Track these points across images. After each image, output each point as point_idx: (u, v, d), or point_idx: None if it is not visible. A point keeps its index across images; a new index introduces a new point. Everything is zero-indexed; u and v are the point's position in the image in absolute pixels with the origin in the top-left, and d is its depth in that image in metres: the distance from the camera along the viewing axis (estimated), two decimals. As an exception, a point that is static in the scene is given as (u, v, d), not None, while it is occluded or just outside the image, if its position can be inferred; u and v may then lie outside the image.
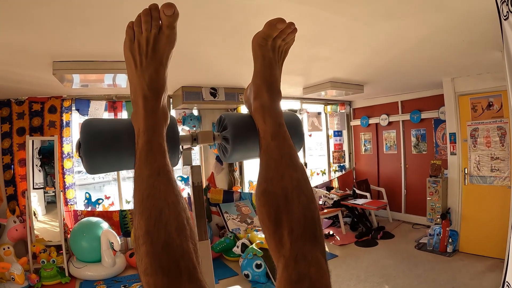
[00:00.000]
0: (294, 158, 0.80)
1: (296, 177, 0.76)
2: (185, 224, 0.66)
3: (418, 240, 5.27)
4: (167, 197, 0.67)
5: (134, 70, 0.79)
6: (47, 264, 4.33)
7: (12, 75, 3.55)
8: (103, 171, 0.88)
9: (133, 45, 0.77)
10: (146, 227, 0.63)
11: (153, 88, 0.78)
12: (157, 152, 0.74)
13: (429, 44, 3.11)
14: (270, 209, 0.74)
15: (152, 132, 0.76)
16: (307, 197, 0.74)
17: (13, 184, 4.76)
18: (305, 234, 0.68)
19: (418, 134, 6.27)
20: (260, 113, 0.89)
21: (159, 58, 0.78)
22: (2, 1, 1.88)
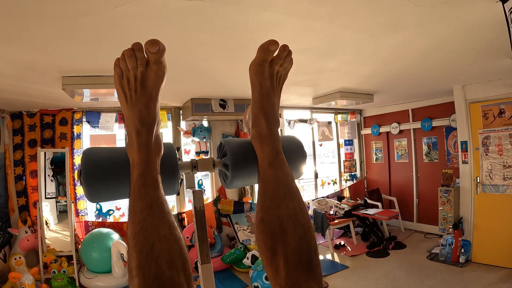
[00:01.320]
0: (291, 187, 0.80)
1: (292, 206, 0.77)
2: (177, 256, 0.67)
3: (430, 250, 5.19)
4: (159, 231, 0.68)
5: (125, 104, 0.79)
6: (58, 274, 4.37)
7: (22, 89, 3.62)
8: (103, 199, 0.89)
9: (122, 81, 0.77)
10: (138, 260, 0.65)
11: (144, 122, 0.79)
12: (150, 186, 0.75)
13: (436, 53, 3.08)
14: (267, 237, 0.75)
15: (145, 165, 0.78)
16: (303, 226, 0.74)
17: (25, 195, 4.83)
18: (300, 264, 0.69)
19: (430, 142, 6.21)
20: (257, 141, 0.89)
21: (149, 93, 0.78)
22: (10, 20, 1.92)
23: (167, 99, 5.05)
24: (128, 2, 1.78)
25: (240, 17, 2.08)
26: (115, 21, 2.04)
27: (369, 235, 6.04)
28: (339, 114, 7.35)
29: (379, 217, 5.95)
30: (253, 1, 1.86)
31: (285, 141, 1.03)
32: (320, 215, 5.68)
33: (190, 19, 2.08)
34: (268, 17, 2.08)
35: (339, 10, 2.03)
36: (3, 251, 4.45)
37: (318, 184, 7.11)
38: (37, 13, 1.86)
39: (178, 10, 1.93)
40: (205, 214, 3.12)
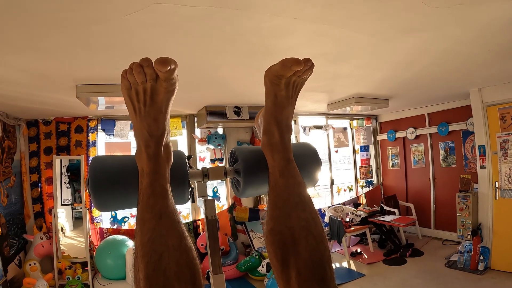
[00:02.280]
0: (303, 196, 0.78)
1: (304, 217, 0.74)
2: (187, 268, 0.65)
3: (448, 257, 5.07)
4: (168, 241, 0.66)
5: (134, 116, 0.77)
6: (72, 280, 4.40)
7: (37, 97, 3.67)
8: (111, 208, 0.89)
9: (131, 92, 0.74)
10: (146, 271, 0.63)
11: (153, 135, 0.77)
12: (159, 195, 0.74)
13: (452, 56, 3.03)
14: (277, 249, 0.72)
15: (154, 174, 0.76)
16: (315, 237, 0.71)
17: (40, 201, 4.89)
18: (313, 277, 0.66)
19: (447, 147, 6.09)
20: (268, 149, 0.87)
21: (158, 107, 0.75)
22: (23, 29, 1.94)
23: (181, 107, 5.07)
24: (139, 9, 1.78)
25: (252, 23, 2.06)
26: (127, 29, 2.05)
27: (386, 242, 5.93)
28: (355, 120, 7.29)
29: (396, 224, 5.85)
30: (264, 6, 1.84)
31: (299, 148, 1.01)
32: (336, 222, 5.61)
33: (201, 26, 2.07)
34: (280, 22, 2.06)
35: (351, 14, 2.00)
36: (18, 256, 4.49)
37: (334, 191, 7.06)
38: (49, 22, 1.87)
39: (188, 17, 1.92)
40: (220, 221, 3.16)
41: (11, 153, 4.52)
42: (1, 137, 4.24)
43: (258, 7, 1.85)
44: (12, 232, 4.41)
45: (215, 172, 0.99)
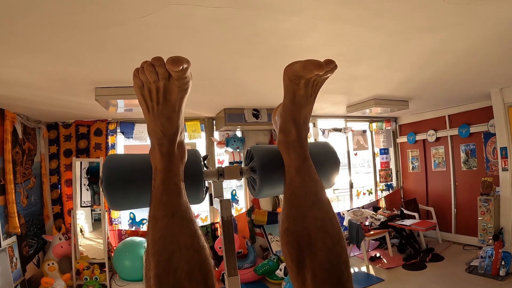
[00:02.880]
0: (320, 195, 0.76)
1: (321, 216, 0.72)
2: (198, 268, 0.64)
3: (469, 262, 4.94)
4: (180, 240, 0.65)
5: (147, 114, 0.76)
6: (89, 281, 4.46)
7: (56, 101, 3.74)
8: (124, 207, 0.89)
9: (144, 90, 0.72)
10: (156, 269, 0.62)
11: (166, 134, 0.76)
12: (172, 193, 0.72)
13: (472, 55, 2.95)
14: (292, 249, 0.71)
15: (168, 172, 0.75)
16: (332, 238, 0.69)
17: (60, 203, 4.97)
18: (329, 279, 0.65)
19: (468, 150, 5.95)
20: (285, 147, 0.85)
21: (172, 106, 0.74)
22: (41, 33, 1.97)
23: (200, 110, 5.08)
24: (155, 11, 1.78)
25: (269, 23, 2.05)
26: (144, 32, 2.06)
27: (405, 247, 5.83)
28: (374, 122, 7.21)
29: (416, 228, 5.74)
30: (281, 6, 1.82)
31: (317, 147, 1.00)
32: (355, 226, 5.55)
33: (218, 28, 2.07)
34: (297, 22, 2.04)
35: (368, 13, 1.96)
36: (37, 256, 4.58)
37: (353, 195, 6.99)
38: (67, 25, 1.89)
39: (205, 19, 1.92)
40: (239, 224, 3.15)
41: (31, 155, 4.60)
42: (22, 139, 4.31)
43: (275, 7, 1.83)
44: (31, 233, 4.48)
45: (230, 171, 0.98)
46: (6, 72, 2.68)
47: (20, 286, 3.98)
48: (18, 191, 4.16)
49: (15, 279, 3.87)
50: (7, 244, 3.82)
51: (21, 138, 4.28)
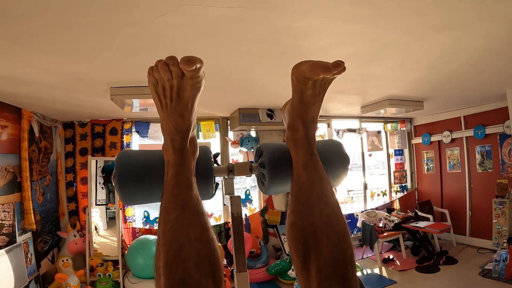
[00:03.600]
0: (326, 191, 0.77)
1: (327, 212, 0.73)
2: (207, 259, 0.65)
3: (483, 266, 4.86)
4: (190, 231, 0.67)
5: (161, 111, 0.78)
6: (103, 277, 4.51)
7: (72, 100, 3.81)
8: (136, 201, 0.90)
9: (158, 88, 0.74)
10: (166, 259, 0.64)
11: (179, 130, 0.78)
12: (184, 186, 0.74)
13: (487, 54, 2.90)
14: (298, 244, 0.72)
15: (180, 166, 0.77)
16: (337, 234, 0.70)
17: (75, 200, 5.06)
18: (333, 275, 0.65)
19: (483, 151, 5.85)
20: (292, 143, 0.87)
21: (185, 104, 0.75)
22: (58, 34, 2.01)
23: (214, 110, 5.12)
24: (168, 12, 1.80)
25: (282, 23, 2.05)
26: (158, 32, 2.08)
27: (419, 249, 5.78)
28: (389, 123, 7.16)
29: (430, 230, 5.69)
30: (292, 6, 1.82)
31: (325, 144, 1.01)
32: (369, 227, 5.52)
33: (231, 27, 2.08)
34: (309, 22, 2.04)
35: (380, 12, 1.95)
36: (51, 252, 4.66)
37: (368, 196, 6.96)
38: (82, 26, 1.93)
39: (218, 19, 1.93)
40: (252, 224, 3.18)
41: (47, 153, 4.68)
42: (38, 137, 4.40)
43: (286, 7, 1.83)
44: (46, 229, 4.57)
45: (240, 168, 0.99)
46: (24, 72, 2.74)
47: (34, 281, 4.05)
48: (34, 188, 4.24)
49: (30, 274, 3.94)
50: (23, 240, 3.90)
51: (37, 136, 4.37)
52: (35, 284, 4.06)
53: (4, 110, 3.72)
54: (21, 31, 1.95)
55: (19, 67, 2.61)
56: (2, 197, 3.60)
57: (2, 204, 3.56)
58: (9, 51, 2.26)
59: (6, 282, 3.37)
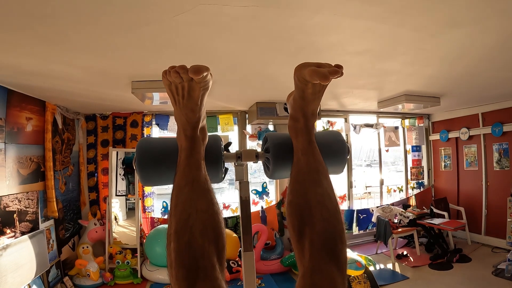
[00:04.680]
0: (321, 173, 0.86)
1: (321, 192, 0.82)
2: (211, 228, 0.75)
3: (496, 265, 4.83)
4: (197, 204, 0.77)
5: (174, 105, 0.88)
6: (121, 264, 4.69)
7: (95, 93, 3.96)
8: (155, 183, 1.02)
9: (172, 87, 0.84)
10: (175, 227, 0.74)
11: (190, 121, 0.89)
12: (194, 166, 0.85)
13: (501, 51, 2.88)
14: (295, 220, 0.80)
15: (191, 150, 0.87)
16: (329, 211, 0.78)
17: (96, 190, 5.22)
18: (324, 247, 0.73)
19: (501, 149, 5.77)
20: (293, 132, 0.96)
21: (195, 101, 0.85)
22: (84, 32, 2.15)
23: (233, 103, 5.21)
24: (186, 10, 1.90)
25: (295, 21, 2.12)
26: (177, 30, 2.19)
27: (433, 246, 5.76)
28: (406, 119, 7.14)
29: (444, 227, 5.66)
30: (304, 4, 1.89)
31: (327, 135, 1.10)
32: (384, 222, 5.55)
33: (247, 25, 2.16)
34: (321, 19, 2.11)
35: (391, 9, 2.00)
36: (72, 240, 4.86)
37: (384, 191, 6.97)
38: (105, 23, 2.05)
39: (233, 17, 2.02)
40: (268, 216, 3.32)
41: (70, 145, 4.85)
42: (61, 129, 4.56)
43: (298, 5, 1.90)
44: (68, 217, 4.76)
45: (247, 154, 1.10)
46: (51, 68, 2.90)
47: (55, 267, 4.24)
48: (57, 178, 4.42)
49: (51, 259, 4.12)
50: (45, 226, 4.07)
51: (60, 128, 4.53)
52: (56, 269, 4.25)
53: (29, 103, 3.89)
54: (49, 30, 2.09)
55: (46, 63, 2.76)
56: (27, 186, 3.77)
57: (26, 192, 3.73)
58: (37, 48, 2.41)
59: (29, 266, 3.53)
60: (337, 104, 5.56)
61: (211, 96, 4.35)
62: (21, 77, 3.18)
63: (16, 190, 3.58)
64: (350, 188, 6.60)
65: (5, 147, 3.41)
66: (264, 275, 4.94)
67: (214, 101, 4.85)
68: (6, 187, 3.40)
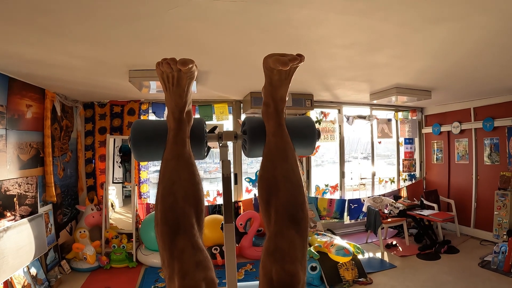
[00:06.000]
0: (287, 152, 0.99)
1: (286, 167, 0.95)
2: (191, 195, 0.91)
3: (483, 257, 4.97)
4: (181, 174, 0.93)
5: (166, 92, 1.04)
6: (117, 249, 4.83)
7: (93, 81, 4.08)
8: (147, 159, 1.19)
9: (163, 76, 1.00)
10: (162, 192, 0.90)
11: (178, 106, 1.04)
12: (180, 143, 1.00)
13: (487, 47, 2.97)
14: (263, 192, 0.95)
15: (178, 130, 1.03)
16: (292, 184, 0.92)
17: (93, 176, 5.36)
18: (286, 214, 0.87)
19: (491, 144, 5.89)
20: (265, 116, 1.11)
21: (182, 88, 1.02)
22: (85, 23, 2.27)
23: (228, 93, 5.33)
24: (180, 5, 2.02)
25: (283, 15, 2.23)
26: (172, 23, 2.32)
27: (422, 237, 5.91)
28: (400, 111, 7.25)
29: (433, 218, 5.82)
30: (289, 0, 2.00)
31: (299, 118, 1.25)
32: (374, 212, 5.69)
33: (237, 19, 2.28)
34: (308, 13, 2.21)
35: (374, 5, 2.09)
36: (70, 224, 5.01)
37: (376, 182, 7.11)
38: (105, 16, 2.18)
39: (224, 11, 2.13)
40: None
41: (68, 132, 4.97)
42: (60, 116, 4.67)
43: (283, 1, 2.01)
44: (66, 202, 4.90)
45: (228, 135, 1.26)
46: (53, 57, 3.03)
47: (53, 250, 4.38)
48: (55, 163, 4.54)
49: (49, 243, 4.25)
50: (44, 211, 4.20)
51: (59, 115, 4.64)
52: (54, 252, 4.38)
53: (29, 91, 3.99)
54: (52, 23, 2.23)
55: (49, 52, 2.89)
56: (26, 171, 3.88)
57: (26, 177, 3.84)
58: (41, 39, 2.54)
59: (28, 248, 3.66)
60: (331, 96, 5.66)
61: (207, 85, 4.47)
62: (23, 66, 3.29)
63: (16, 174, 3.69)
64: (342, 178, 6.73)
65: (6, 133, 3.52)
66: (255, 260, 5.07)
67: (209, 91, 4.95)
68: (6, 171, 3.52)
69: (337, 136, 6.59)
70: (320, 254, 4.35)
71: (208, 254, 0.82)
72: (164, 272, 0.81)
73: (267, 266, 0.79)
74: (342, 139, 6.72)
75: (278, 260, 0.78)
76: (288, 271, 0.76)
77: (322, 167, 12.20)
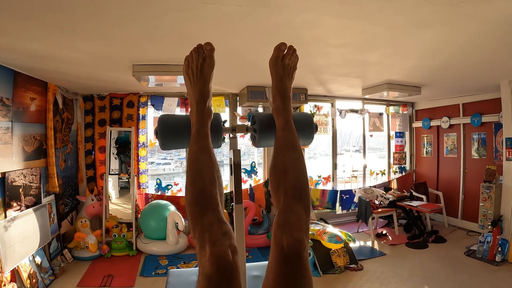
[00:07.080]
0: (295, 144, 1.17)
1: (293, 157, 1.13)
2: (215, 179, 1.07)
3: (469, 247, 5.19)
4: (205, 163, 1.09)
5: (189, 85, 1.22)
6: (117, 238, 4.98)
7: (96, 75, 4.20)
8: (171, 147, 1.37)
9: (188, 70, 1.20)
10: (191, 178, 1.06)
11: (201, 96, 1.21)
12: (203, 136, 1.17)
13: (474, 47, 3.15)
14: (275, 177, 1.12)
15: (201, 124, 1.19)
16: (298, 170, 1.09)
17: (93, 167, 5.50)
18: (293, 194, 1.04)
19: (479, 138, 6.11)
20: (275, 113, 1.28)
21: (205, 78, 1.20)
22: (94, 21, 2.40)
23: (225, 86, 5.46)
24: (189, 8, 2.18)
25: (283, 18, 2.40)
26: (180, 23, 2.48)
27: (411, 227, 6.13)
28: (391, 106, 7.44)
29: (421, 209, 6.03)
30: (289, 4, 2.17)
31: (300, 115, 1.44)
32: (365, 203, 5.89)
33: (240, 21, 2.45)
34: (306, 17, 2.39)
35: (365, 11, 2.27)
36: (71, 214, 5.14)
37: (367, 174, 7.31)
38: (116, 15, 2.32)
39: (229, 14, 2.31)
40: (256, 194, 3.86)
41: (69, 124, 5.08)
42: (62, 109, 4.77)
43: (284, 5, 2.18)
44: (67, 193, 5.03)
45: (240, 127, 1.44)
46: (61, 52, 3.15)
47: (56, 239, 4.51)
48: (57, 155, 4.65)
49: (52, 232, 4.38)
50: (47, 201, 4.33)
51: (61, 108, 4.75)
52: (56, 242, 4.52)
53: (33, 84, 4.10)
54: (63, 20, 2.35)
55: (57, 48, 3.02)
56: (30, 162, 4.00)
57: (30, 168, 3.95)
58: (50, 34, 2.66)
59: (33, 238, 3.80)
60: (324, 90, 5.83)
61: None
62: (29, 60, 3.40)
63: (21, 166, 3.80)
64: (335, 170, 6.93)
65: (12, 126, 3.63)
66: (251, 248, 5.28)
67: (207, 84, 5.03)
68: (12, 163, 3.63)
69: (330, 129, 6.78)
70: (313, 242, 4.53)
71: (231, 227, 0.97)
72: (196, 243, 0.96)
73: (278, 235, 0.93)
74: (335, 132, 6.90)
75: (288, 230, 0.92)
76: (296, 238, 0.90)
77: (315, 159, 12.33)
